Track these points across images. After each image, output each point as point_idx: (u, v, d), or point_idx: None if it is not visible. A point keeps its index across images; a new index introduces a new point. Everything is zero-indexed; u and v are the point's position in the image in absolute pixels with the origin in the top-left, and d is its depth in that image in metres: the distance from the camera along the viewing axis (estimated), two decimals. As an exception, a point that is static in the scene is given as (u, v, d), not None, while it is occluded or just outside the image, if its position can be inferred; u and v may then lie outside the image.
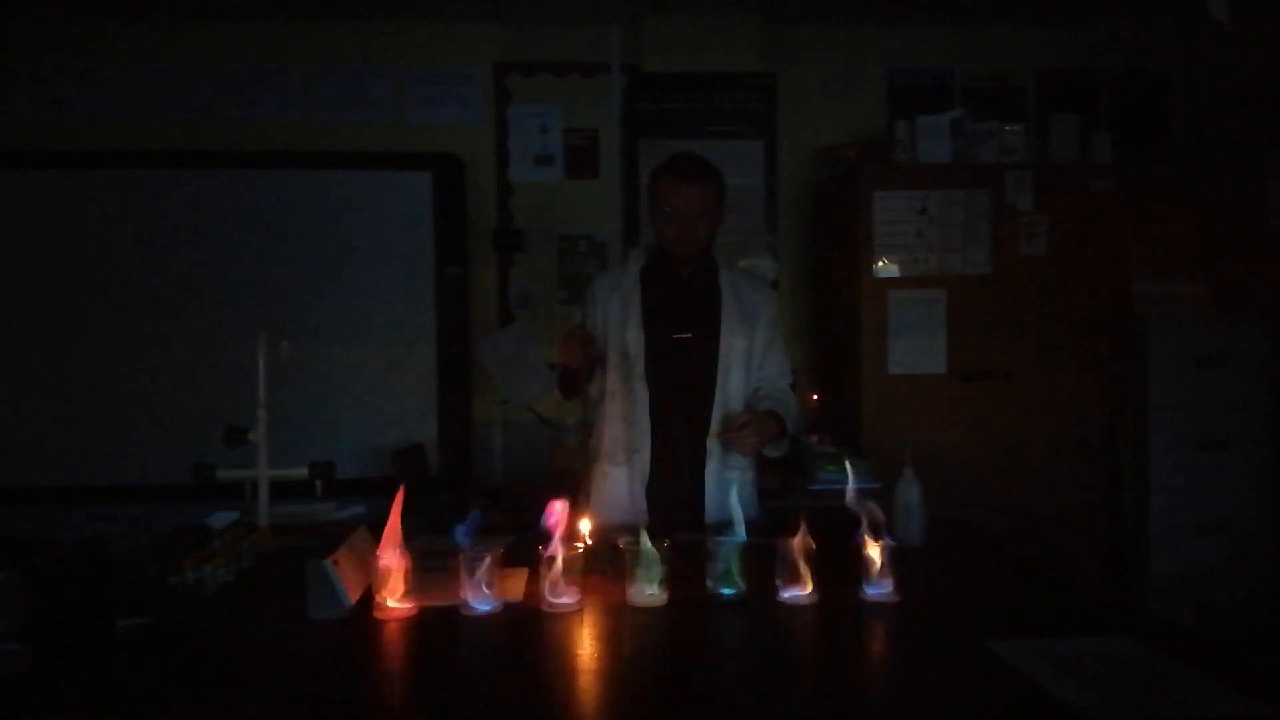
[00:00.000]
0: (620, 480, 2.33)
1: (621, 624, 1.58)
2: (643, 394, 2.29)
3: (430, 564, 1.75)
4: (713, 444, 2.30)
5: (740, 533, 1.70)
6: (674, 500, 2.29)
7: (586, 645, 1.50)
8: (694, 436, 2.30)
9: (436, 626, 1.57)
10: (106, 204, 3.57)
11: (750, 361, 2.35)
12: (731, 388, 2.32)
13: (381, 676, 1.41)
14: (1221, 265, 3.78)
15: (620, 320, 2.33)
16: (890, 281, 3.41)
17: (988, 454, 3.40)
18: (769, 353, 2.39)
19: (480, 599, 1.61)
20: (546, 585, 1.63)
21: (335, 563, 1.62)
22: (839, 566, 1.70)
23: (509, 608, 1.63)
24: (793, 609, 1.62)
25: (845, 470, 1.88)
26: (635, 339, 2.30)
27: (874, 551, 1.65)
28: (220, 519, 2.28)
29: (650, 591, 1.64)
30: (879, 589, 1.64)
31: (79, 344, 3.55)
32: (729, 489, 2.28)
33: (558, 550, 1.63)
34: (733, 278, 2.38)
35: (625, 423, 2.32)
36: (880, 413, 3.39)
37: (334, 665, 1.42)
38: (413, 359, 3.64)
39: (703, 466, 2.31)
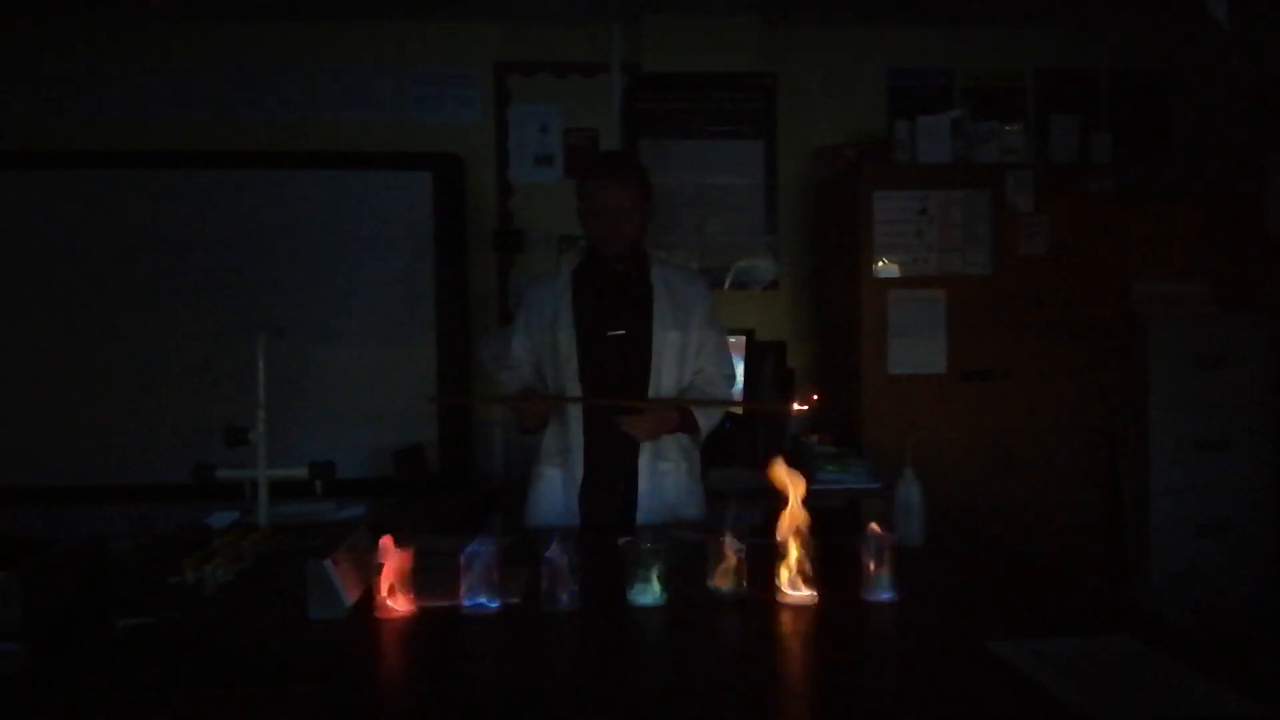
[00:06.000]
0: (555, 481, 2.34)
1: (621, 624, 1.58)
2: (575, 393, 2.29)
3: (430, 564, 1.75)
4: (645, 440, 2.28)
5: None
6: (608, 499, 2.29)
7: (586, 645, 1.50)
8: (627, 433, 2.26)
9: (436, 626, 1.57)
10: (106, 204, 3.57)
11: (685, 355, 2.34)
12: (665, 382, 2.31)
13: (381, 676, 1.41)
14: (1221, 265, 3.78)
15: (551, 321, 2.33)
16: (890, 281, 3.41)
17: (988, 454, 3.40)
18: (704, 345, 2.37)
19: (480, 599, 1.61)
20: (546, 585, 1.63)
21: (335, 563, 1.62)
22: (839, 566, 1.70)
23: (509, 608, 1.63)
24: (793, 609, 1.62)
25: (845, 470, 1.88)
26: (566, 339, 2.30)
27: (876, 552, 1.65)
28: (220, 519, 2.28)
29: (650, 592, 1.64)
30: (879, 589, 1.64)
31: (79, 344, 3.55)
32: (663, 484, 2.29)
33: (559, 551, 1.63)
34: (665, 273, 2.38)
35: (558, 423, 2.34)
36: (880, 413, 3.39)
37: (334, 665, 1.42)
38: (413, 359, 3.63)
39: (635, 463, 2.30)
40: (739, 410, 3.21)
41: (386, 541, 1.63)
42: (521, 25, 3.83)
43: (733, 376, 2.44)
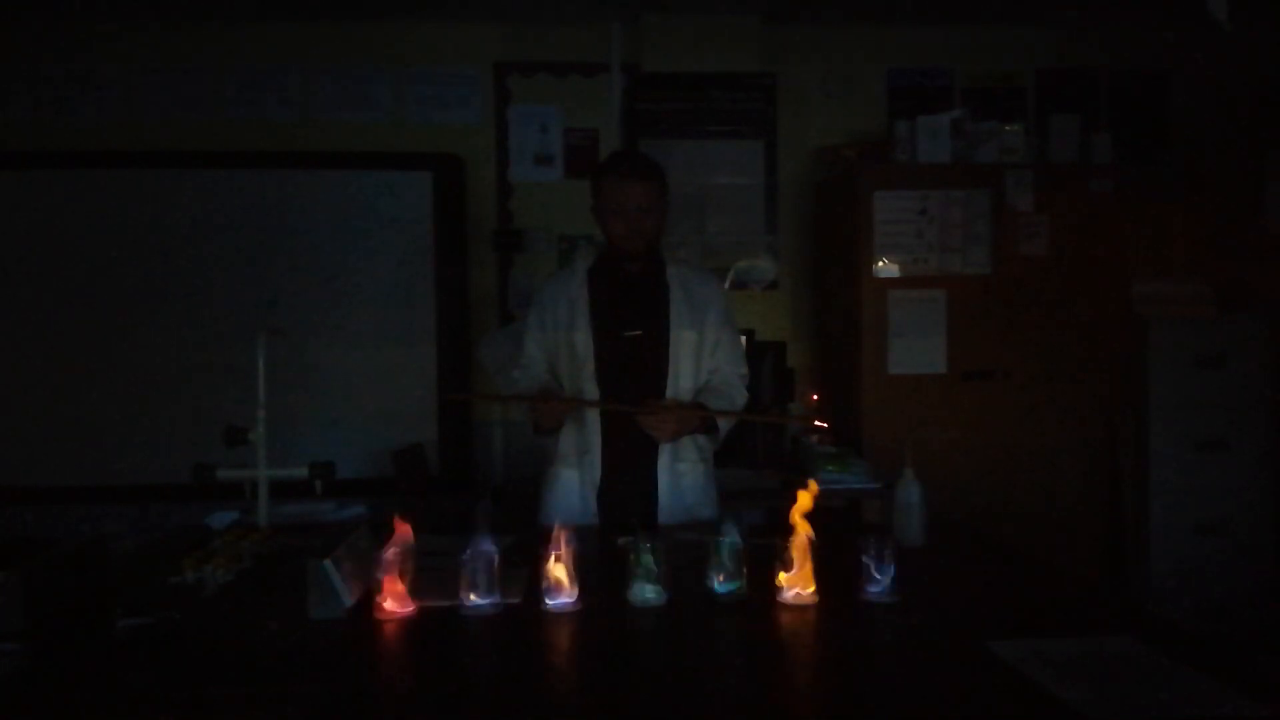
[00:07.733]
0: (572, 481, 2.32)
1: (621, 624, 1.58)
2: (592, 394, 2.27)
3: (430, 564, 1.75)
4: (666, 440, 2.26)
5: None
6: (626, 500, 2.27)
7: (586, 645, 1.50)
8: (645, 434, 2.23)
9: (436, 626, 1.57)
10: (106, 204, 3.57)
11: (701, 354, 2.33)
12: (683, 381, 2.31)
13: (381, 676, 1.41)
14: (1221, 265, 3.77)
15: (568, 322, 2.32)
16: (890, 281, 3.41)
17: (988, 454, 3.40)
18: (720, 344, 2.36)
19: (480, 599, 1.61)
20: (545, 585, 1.63)
21: (335, 563, 1.62)
22: (839, 566, 1.70)
23: (509, 608, 1.63)
24: (793, 609, 1.62)
25: (845, 470, 1.88)
26: (583, 339, 2.29)
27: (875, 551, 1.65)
28: (220, 519, 2.28)
29: (650, 591, 1.64)
30: (879, 589, 1.64)
31: (79, 344, 3.55)
32: (681, 484, 2.28)
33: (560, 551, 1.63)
34: (680, 273, 2.37)
35: (576, 424, 2.32)
36: (880, 413, 3.39)
37: (334, 665, 1.42)
38: (413, 359, 3.64)
39: (654, 463, 2.29)
40: (762, 421, 3.21)
41: (402, 528, 1.62)
42: (521, 25, 3.83)
43: (747, 376, 2.44)
